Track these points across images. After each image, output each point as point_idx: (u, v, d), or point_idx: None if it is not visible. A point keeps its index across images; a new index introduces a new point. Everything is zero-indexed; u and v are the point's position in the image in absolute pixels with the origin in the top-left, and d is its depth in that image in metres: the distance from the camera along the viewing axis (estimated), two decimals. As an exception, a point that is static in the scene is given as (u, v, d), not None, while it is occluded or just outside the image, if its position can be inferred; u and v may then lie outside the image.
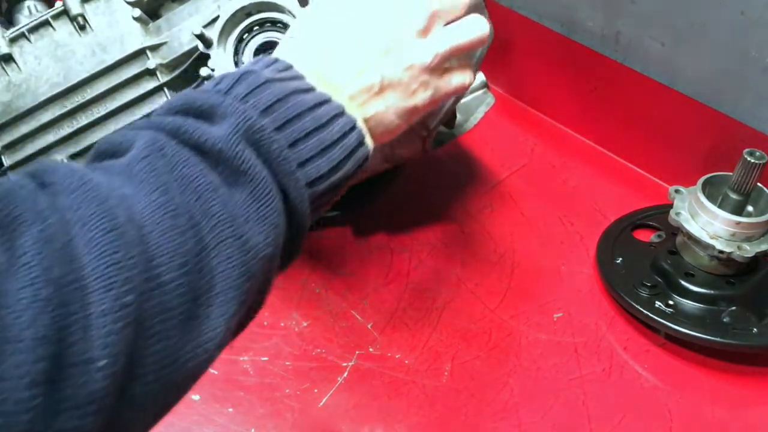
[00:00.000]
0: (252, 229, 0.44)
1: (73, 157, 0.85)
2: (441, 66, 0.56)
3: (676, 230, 0.91)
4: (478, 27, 0.57)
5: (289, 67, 0.51)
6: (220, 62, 0.80)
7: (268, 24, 0.83)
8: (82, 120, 0.85)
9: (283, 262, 0.50)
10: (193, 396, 0.81)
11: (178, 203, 0.40)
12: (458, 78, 0.58)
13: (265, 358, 0.86)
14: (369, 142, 0.54)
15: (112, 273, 0.35)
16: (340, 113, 0.51)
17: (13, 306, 0.32)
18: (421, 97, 0.56)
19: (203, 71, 0.78)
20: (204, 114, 0.46)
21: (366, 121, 0.54)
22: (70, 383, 0.34)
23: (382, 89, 0.54)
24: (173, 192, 0.40)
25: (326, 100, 0.50)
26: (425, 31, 0.55)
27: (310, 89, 0.50)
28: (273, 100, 0.47)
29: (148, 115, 0.80)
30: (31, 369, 0.32)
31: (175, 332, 0.39)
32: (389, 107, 0.54)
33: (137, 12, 0.83)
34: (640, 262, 0.93)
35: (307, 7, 0.57)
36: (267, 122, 0.46)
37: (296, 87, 0.49)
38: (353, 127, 0.51)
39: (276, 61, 0.52)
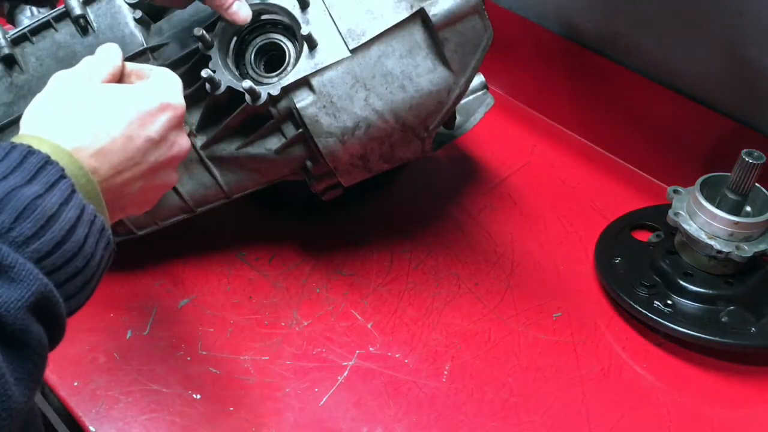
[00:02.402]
0: (19, 390, 0.45)
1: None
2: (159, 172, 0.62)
3: (674, 230, 0.91)
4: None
5: (61, 177, 0.51)
6: (221, 64, 0.81)
7: (269, 26, 0.83)
8: (84, 121, 0.85)
9: None
10: (195, 395, 0.82)
11: None
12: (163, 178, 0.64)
13: (266, 358, 0.86)
14: (110, 238, 0.56)
15: None
16: (102, 231, 0.53)
17: None
18: (150, 198, 0.63)
19: (204, 73, 0.78)
20: None
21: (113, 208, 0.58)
22: None
23: (138, 196, 0.60)
24: None
25: (92, 221, 0.52)
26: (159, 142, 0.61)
27: (81, 212, 0.51)
28: (53, 244, 0.48)
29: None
30: None
31: None
32: (133, 202, 0.60)
33: (139, 13, 0.83)
34: (638, 261, 0.93)
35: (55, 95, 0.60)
36: (48, 279, 0.47)
37: (72, 217, 0.50)
38: (109, 245, 0.54)
39: (47, 162, 0.50)
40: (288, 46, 0.83)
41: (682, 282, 0.88)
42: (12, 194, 0.47)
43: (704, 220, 0.86)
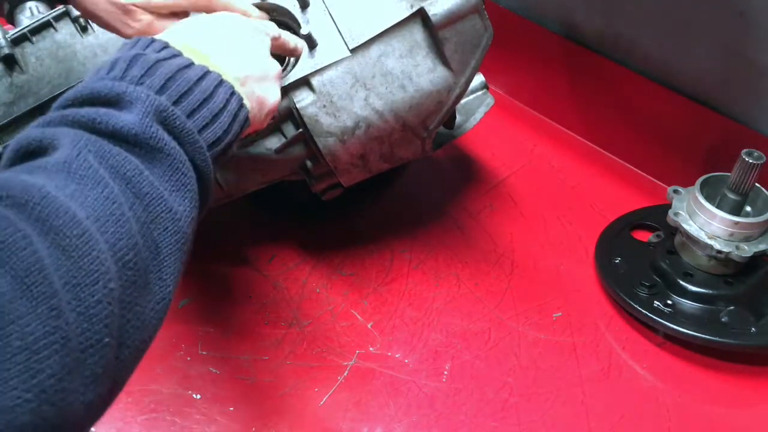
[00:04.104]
0: (176, 199, 0.51)
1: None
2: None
3: (674, 230, 0.91)
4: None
5: (166, 45, 0.57)
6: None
7: (269, 25, 0.83)
8: (84, 121, 0.85)
9: (198, 210, 0.57)
10: (195, 395, 0.82)
11: (117, 193, 0.46)
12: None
13: (266, 357, 0.86)
14: (248, 104, 0.61)
15: (94, 268, 0.42)
16: (220, 82, 0.58)
17: (25, 318, 0.38)
18: (271, 93, 0.66)
19: (204, 72, 0.78)
20: (111, 102, 0.51)
21: None
22: (89, 363, 0.41)
23: (249, 76, 0.63)
24: (110, 184, 0.46)
25: (206, 72, 0.57)
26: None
27: (190, 64, 0.56)
28: (165, 79, 0.54)
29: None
30: (50, 364, 0.38)
31: (140, 299, 0.46)
32: (255, 90, 0.63)
33: (138, 13, 0.83)
34: (638, 261, 0.93)
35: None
36: (166, 100, 0.53)
37: (179, 64, 0.55)
38: (233, 93, 0.58)
39: (153, 41, 0.57)
40: (288, 45, 0.83)
41: (682, 282, 0.88)
42: (141, 57, 0.54)
43: (704, 220, 0.86)
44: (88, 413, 0.41)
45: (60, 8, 0.85)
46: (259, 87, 0.64)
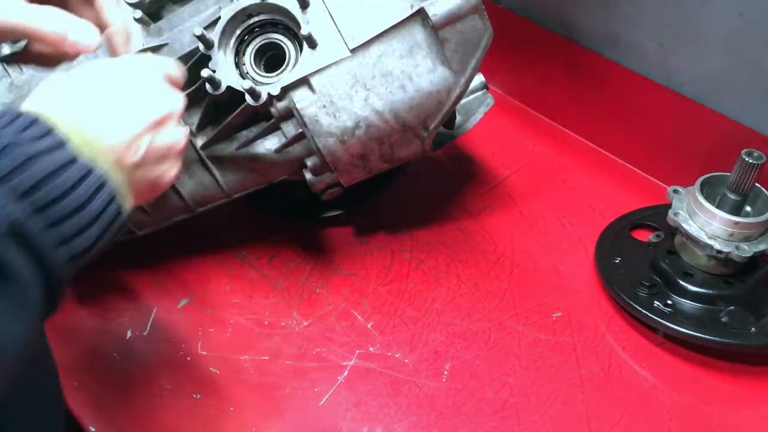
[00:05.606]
0: (5, 327, 0.45)
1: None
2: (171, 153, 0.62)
3: (674, 230, 0.91)
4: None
5: (50, 132, 0.51)
6: (221, 63, 0.81)
7: (269, 25, 0.83)
8: (84, 121, 0.85)
9: (43, 317, 0.51)
10: (195, 395, 0.82)
11: None
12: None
13: (266, 358, 0.86)
14: (127, 206, 0.55)
15: None
16: (102, 185, 0.52)
17: None
18: (168, 173, 0.62)
19: (204, 72, 0.78)
20: None
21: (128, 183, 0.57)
22: None
23: (145, 159, 0.58)
24: None
25: (89, 171, 0.51)
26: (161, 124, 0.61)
27: (72, 160, 0.50)
28: (35, 181, 0.48)
29: None
30: None
31: None
32: (147, 176, 0.59)
33: (138, 13, 0.83)
34: (638, 261, 0.93)
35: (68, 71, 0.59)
36: (29, 212, 0.47)
37: (60, 162, 0.49)
38: (112, 199, 0.53)
39: (36, 122, 0.50)
40: (288, 45, 0.83)
41: (682, 282, 0.88)
42: (15, 148, 0.48)
43: (704, 220, 0.86)
44: None
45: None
46: (156, 169, 0.59)
